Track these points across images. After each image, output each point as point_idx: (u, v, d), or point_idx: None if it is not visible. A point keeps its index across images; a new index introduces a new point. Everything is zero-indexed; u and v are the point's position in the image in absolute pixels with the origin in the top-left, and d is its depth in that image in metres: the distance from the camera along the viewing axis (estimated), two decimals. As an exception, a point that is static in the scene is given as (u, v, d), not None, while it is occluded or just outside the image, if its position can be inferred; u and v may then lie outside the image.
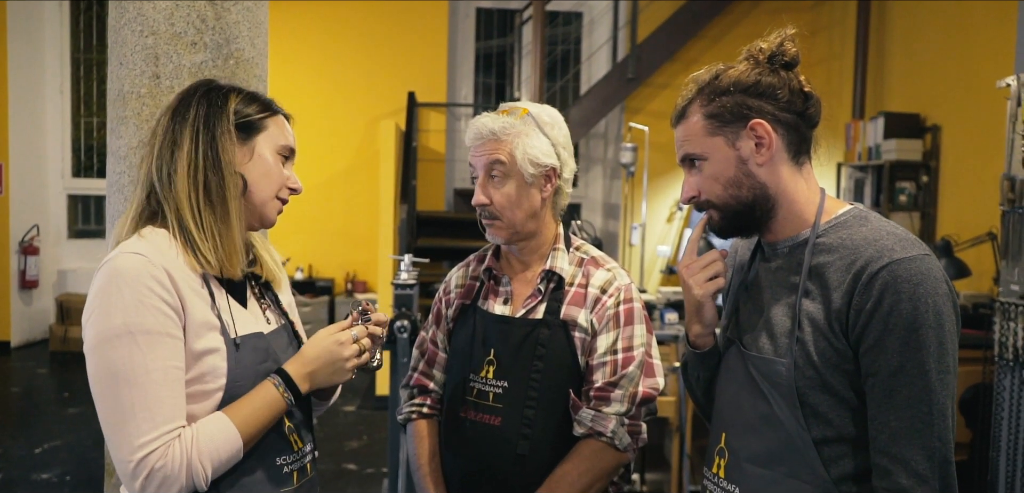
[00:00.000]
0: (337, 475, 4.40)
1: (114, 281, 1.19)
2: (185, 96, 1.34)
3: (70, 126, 7.68)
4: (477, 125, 1.65)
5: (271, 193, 1.36)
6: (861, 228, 1.24)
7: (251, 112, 1.34)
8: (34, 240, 7.26)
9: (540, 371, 1.61)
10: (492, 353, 1.65)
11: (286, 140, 1.38)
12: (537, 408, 1.60)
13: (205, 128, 1.30)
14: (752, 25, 6.92)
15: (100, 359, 1.18)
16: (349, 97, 7.41)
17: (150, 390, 1.17)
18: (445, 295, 1.81)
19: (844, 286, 1.20)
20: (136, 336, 1.17)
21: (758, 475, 1.29)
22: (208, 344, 1.25)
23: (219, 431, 1.23)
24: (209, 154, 1.29)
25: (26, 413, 5.54)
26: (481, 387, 1.65)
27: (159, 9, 1.99)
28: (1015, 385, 2.85)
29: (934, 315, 1.15)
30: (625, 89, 6.89)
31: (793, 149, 1.30)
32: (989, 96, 3.58)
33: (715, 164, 1.29)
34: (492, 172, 1.63)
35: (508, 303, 1.70)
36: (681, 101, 1.34)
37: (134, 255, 1.21)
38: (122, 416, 1.17)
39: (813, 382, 1.23)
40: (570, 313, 1.65)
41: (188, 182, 1.28)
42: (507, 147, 1.62)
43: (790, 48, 1.28)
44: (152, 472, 1.17)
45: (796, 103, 1.28)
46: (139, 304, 1.18)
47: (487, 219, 1.67)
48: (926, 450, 1.15)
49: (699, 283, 1.36)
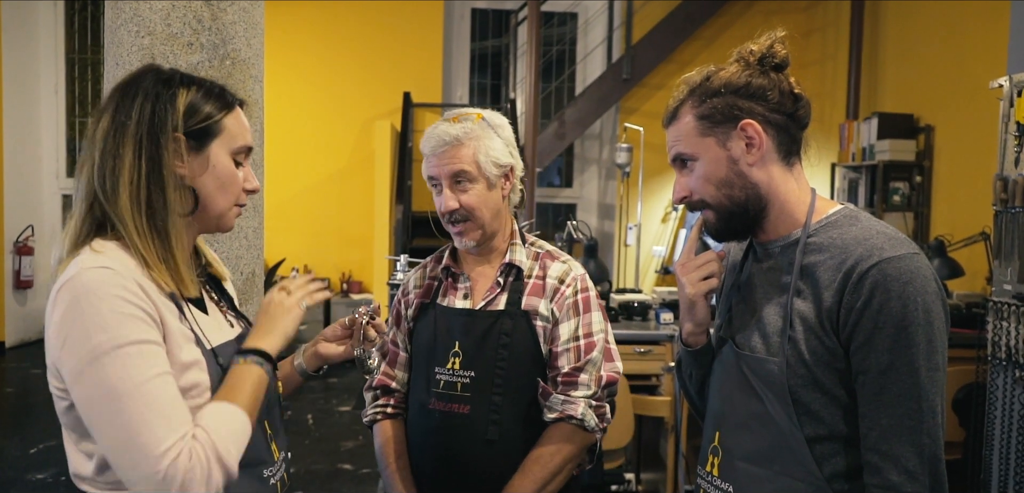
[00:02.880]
0: (332, 475, 4.40)
1: (85, 299, 1.09)
2: (128, 86, 1.21)
3: (65, 126, 7.65)
4: (438, 133, 1.69)
5: (229, 204, 1.27)
6: (851, 227, 1.26)
7: (204, 114, 1.21)
8: (29, 240, 7.24)
9: (505, 360, 1.68)
10: (457, 345, 1.71)
11: (244, 138, 1.26)
12: (504, 395, 1.67)
13: (148, 137, 1.17)
14: (747, 26, 6.94)
15: (92, 382, 1.08)
16: (344, 97, 7.41)
17: (156, 397, 1.09)
18: (404, 297, 1.87)
19: (835, 285, 1.21)
20: (125, 349, 1.08)
21: (751, 473, 1.31)
22: (190, 356, 1.18)
23: (228, 415, 1.16)
24: (153, 171, 1.17)
25: (21, 413, 5.52)
26: (448, 378, 1.70)
27: (155, 10, 1.99)
28: (1008, 384, 2.87)
29: (923, 313, 1.16)
30: (620, 89, 6.91)
31: (784, 150, 1.31)
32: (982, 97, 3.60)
33: (706, 164, 1.31)
34: (458, 178, 1.69)
35: (468, 298, 1.76)
36: (672, 102, 1.35)
37: (98, 269, 1.11)
38: (133, 430, 1.07)
39: (805, 380, 1.24)
40: (531, 303, 1.72)
41: (130, 201, 1.16)
42: (470, 152, 1.68)
43: (780, 50, 1.30)
44: (185, 475, 1.08)
45: (786, 104, 1.30)
46: (119, 316, 1.09)
47: (457, 224, 1.72)
48: (916, 447, 1.16)
49: (693, 282, 1.37)
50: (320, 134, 7.31)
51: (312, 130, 7.25)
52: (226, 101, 1.27)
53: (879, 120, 5.41)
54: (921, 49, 5.54)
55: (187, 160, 1.21)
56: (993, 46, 4.52)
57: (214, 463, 1.11)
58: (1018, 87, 2.91)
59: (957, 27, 5.09)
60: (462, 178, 1.69)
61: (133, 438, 1.07)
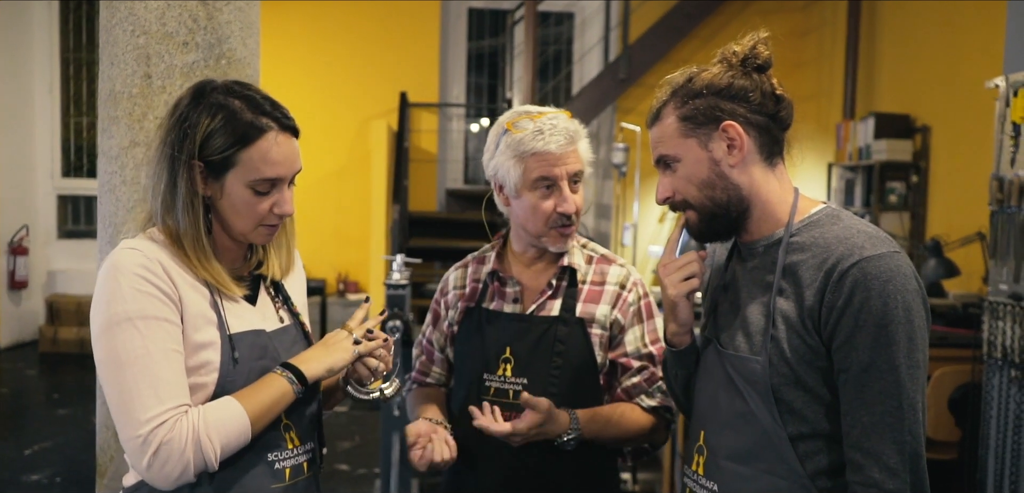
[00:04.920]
0: (329, 476, 4.39)
1: (111, 274, 1.23)
2: (175, 105, 1.31)
3: (60, 126, 7.63)
4: (561, 127, 1.59)
5: (248, 226, 1.32)
6: (833, 227, 1.26)
7: (217, 147, 1.26)
8: (23, 240, 7.21)
9: (559, 367, 1.63)
10: (508, 351, 1.65)
11: (264, 172, 1.28)
12: (558, 404, 1.60)
13: (174, 159, 1.27)
14: (743, 26, 6.83)
15: (104, 347, 1.22)
16: (341, 97, 7.40)
17: (152, 370, 1.20)
18: (443, 297, 1.80)
19: (816, 284, 1.22)
20: (135, 322, 1.20)
21: (735, 472, 1.31)
22: (205, 337, 1.27)
23: (226, 410, 1.24)
24: (168, 191, 1.28)
25: (15, 415, 5.51)
26: (499, 386, 1.65)
27: (150, 9, 1.98)
28: (1004, 384, 2.87)
29: (904, 311, 1.17)
30: (617, 89, 6.91)
31: (766, 151, 1.31)
32: (978, 97, 3.61)
33: (688, 165, 1.31)
34: (576, 178, 1.62)
35: (518, 302, 1.69)
36: (655, 103, 1.36)
37: (130, 250, 1.25)
38: (128, 396, 1.19)
39: (788, 379, 1.25)
40: (587, 310, 1.66)
41: (162, 209, 1.29)
42: (583, 149, 1.63)
43: (763, 51, 1.30)
44: (161, 445, 1.18)
45: (768, 105, 1.30)
46: (136, 293, 1.21)
47: (568, 227, 1.63)
48: (897, 444, 1.17)
49: (674, 283, 1.38)
50: (316, 134, 7.29)
51: (308, 130, 7.14)
52: (252, 130, 1.27)
53: (876, 120, 5.42)
54: (917, 49, 5.55)
55: (208, 183, 1.29)
56: (989, 46, 4.53)
57: (190, 443, 1.20)
58: (1014, 87, 2.91)
59: (953, 27, 5.10)
60: (578, 178, 1.62)
61: (126, 403, 1.19)
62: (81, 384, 6.07)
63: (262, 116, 1.29)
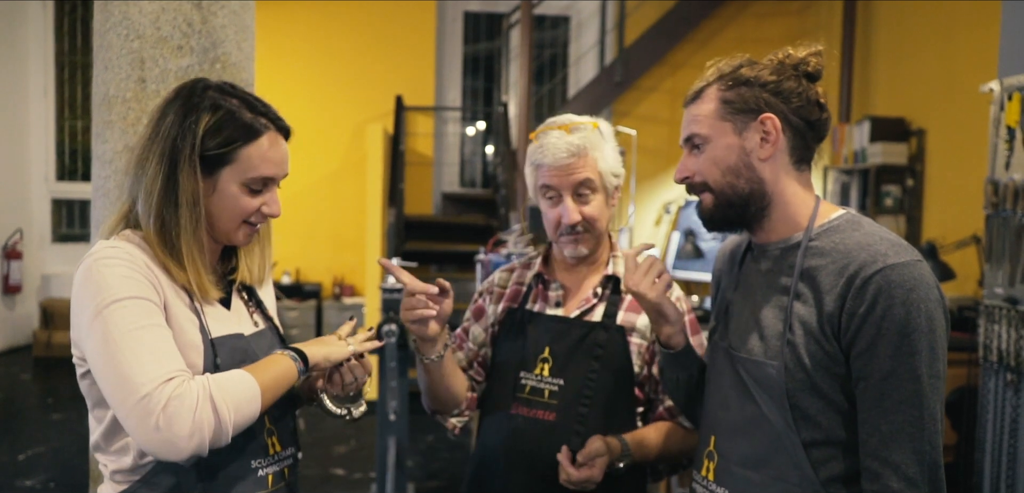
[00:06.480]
0: (324, 480, 4.38)
1: (95, 268, 1.20)
2: (168, 103, 1.29)
3: (54, 129, 7.61)
4: (560, 144, 1.62)
5: (233, 225, 1.31)
6: (854, 233, 1.25)
7: (219, 142, 1.26)
8: (17, 244, 7.18)
9: (596, 371, 1.64)
10: (547, 350, 1.67)
11: (262, 170, 1.29)
12: (591, 407, 1.62)
13: (169, 155, 1.25)
14: (740, 28, 6.95)
15: (94, 334, 1.17)
16: (336, 100, 7.39)
17: (148, 341, 1.16)
18: (488, 292, 1.83)
19: (837, 290, 1.21)
20: (125, 302, 1.17)
21: (747, 478, 1.30)
22: (187, 339, 1.24)
23: (238, 378, 1.21)
24: (167, 187, 1.25)
25: (9, 419, 5.48)
26: (535, 384, 1.67)
27: (145, 13, 1.98)
28: (1000, 387, 2.87)
29: (927, 320, 1.17)
30: (613, 93, 6.91)
31: (796, 154, 1.31)
32: (973, 100, 3.62)
33: (718, 149, 1.30)
34: (581, 189, 1.63)
35: (561, 305, 1.73)
36: (700, 82, 1.35)
37: (112, 247, 1.23)
38: (126, 369, 1.13)
39: (803, 385, 1.23)
40: (628, 319, 1.68)
41: (149, 209, 1.26)
42: (592, 162, 1.63)
43: (815, 61, 1.32)
44: (170, 401, 1.12)
45: (809, 112, 1.30)
46: (123, 279, 1.19)
47: (576, 235, 1.66)
48: (917, 454, 1.16)
49: (649, 286, 1.39)
50: (312, 137, 7.28)
51: (304, 133, 7.17)
52: (252, 130, 1.28)
53: (871, 123, 5.43)
54: (913, 52, 5.57)
55: (198, 181, 1.26)
56: (984, 50, 4.54)
57: (204, 401, 1.14)
58: (1009, 91, 2.92)
59: (949, 31, 5.11)
60: (585, 188, 1.63)
61: (125, 374, 1.13)
62: (75, 389, 5.97)
63: (260, 116, 1.30)
